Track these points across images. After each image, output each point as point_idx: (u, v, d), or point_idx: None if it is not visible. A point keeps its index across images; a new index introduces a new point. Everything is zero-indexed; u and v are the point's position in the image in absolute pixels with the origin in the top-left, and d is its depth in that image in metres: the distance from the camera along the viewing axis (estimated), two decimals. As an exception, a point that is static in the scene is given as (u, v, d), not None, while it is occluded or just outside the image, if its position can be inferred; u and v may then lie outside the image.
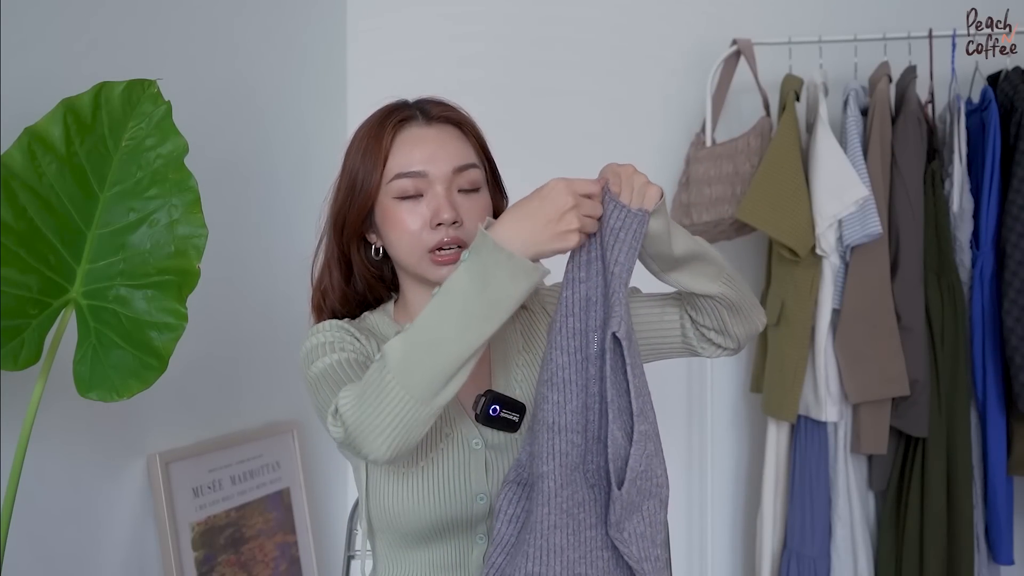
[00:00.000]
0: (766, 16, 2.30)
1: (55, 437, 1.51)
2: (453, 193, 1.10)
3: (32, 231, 1.27)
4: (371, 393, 0.92)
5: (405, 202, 1.10)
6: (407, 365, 0.91)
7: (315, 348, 1.09)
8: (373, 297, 1.21)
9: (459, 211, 1.09)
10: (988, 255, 1.97)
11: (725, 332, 1.11)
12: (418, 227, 1.09)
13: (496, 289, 0.90)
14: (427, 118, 1.13)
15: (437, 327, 0.92)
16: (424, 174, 1.09)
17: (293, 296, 2.20)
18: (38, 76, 1.46)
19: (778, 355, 2.06)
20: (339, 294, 1.18)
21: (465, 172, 1.12)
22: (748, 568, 2.36)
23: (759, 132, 2.10)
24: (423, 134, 1.12)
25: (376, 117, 1.15)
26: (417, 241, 1.09)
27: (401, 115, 1.13)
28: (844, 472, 2.05)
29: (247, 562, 1.92)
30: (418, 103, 1.16)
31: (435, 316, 0.92)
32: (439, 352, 0.91)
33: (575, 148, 2.40)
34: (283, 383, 2.14)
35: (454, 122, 1.15)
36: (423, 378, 0.91)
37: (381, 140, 1.11)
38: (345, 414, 0.94)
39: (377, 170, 1.10)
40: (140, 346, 1.31)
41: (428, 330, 0.92)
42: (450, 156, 1.11)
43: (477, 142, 1.17)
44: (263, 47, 2.12)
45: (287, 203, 2.20)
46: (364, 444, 0.93)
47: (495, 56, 2.44)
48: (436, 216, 1.08)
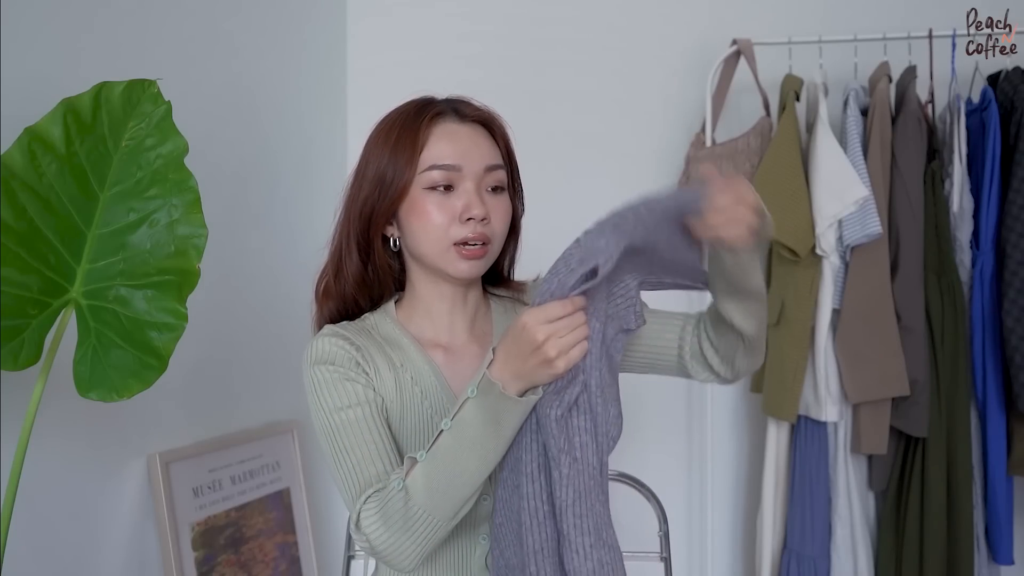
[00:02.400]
0: (766, 16, 2.30)
1: (55, 437, 1.51)
2: (483, 191, 1.11)
3: (32, 231, 1.27)
4: (398, 521, 1.00)
5: (434, 194, 1.10)
6: (432, 496, 0.99)
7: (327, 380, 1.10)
8: (379, 292, 1.20)
9: (488, 208, 1.10)
10: (988, 255, 1.97)
11: (731, 363, 1.13)
12: (446, 220, 1.09)
13: (506, 427, 0.98)
14: (460, 116, 1.14)
15: (456, 462, 0.99)
16: (458, 167, 1.10)
17: (293, 296, 2.20)
18: (38, 76, 1.46)
19: (778, 355, 2.05)
20: (356, 278, 1.17)
21: (494, 172, 1.12)
22: (748, 568, 2.36)
23: (759, 132, 2.10)
24: (457, 130, 1.12)
25: (408, 110, 1.14)
26: (444, 234, 1.09)
27: (436, 109, 1.13)
28: (844, 472, 2.05)
29: (247, 562, 1.92)
30: (449, 101, 1.16)
31: (452, 452, 0.99)
32: (461, 482, 0.99)
33: (575, 148, 2.40)
34: (283, 383, 2.14)
35: (485, 122, 1.15)
36: (449, 505, 1.00)
37: (416, 131, 1.11)
38: (373, 537, 1.02)
39: (412, 160, 1.10)
40: (140, 346, 1.31)
41: (448, 464, 0.99)
42: (483, 154, 1.12)
43: (504, 145, 1.17)
44: (263, 47, 2.12)
45: (287, 203, 2.20)
46: (395, 561, 1.03)
47: (495, 56, 2.44)
48: (467, 211, 1.09)
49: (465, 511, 1.02)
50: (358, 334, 1.14)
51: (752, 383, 2.23)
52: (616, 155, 2.41)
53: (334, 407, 1.08)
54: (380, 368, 1.11)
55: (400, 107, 1.16)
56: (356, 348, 1.11)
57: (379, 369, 1.11)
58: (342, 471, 1.06)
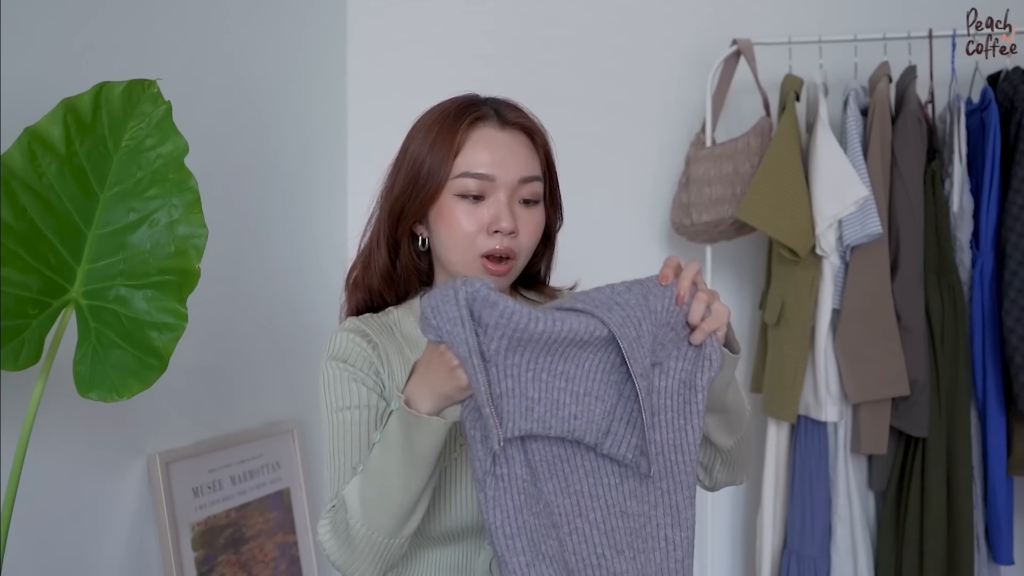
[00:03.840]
0: (766, 16, 2.30)
1: (55, 437, 1.51)
2: (515, 203, 1.08)
3: (32, 231, 1.27)
4: (342, 534, 0.99)
5: (464, 202, 1.07)
6: (366, 510, 0.97)
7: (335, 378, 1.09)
8: (404, 289, 1.19)
9: (517, 221, 1.08)
10: (988, 255, 1.97)
11: (709, 473, 1.13)
12: (474, 230, 1.07)
13: (419, 444, 0.94)
14: (502, 121, 1.11)
15: (383, 474, 0.96)
16: (491, 177, 1.07)
17: (293, 296, 2.20)
18: (38, 76, 1.46)
19: (778, 355, 2.06)
20: (383, 272, 1.16)
21: (529, 184, 1.09)
22: (748, 568, 2.36)
23: (759, 132, 2.10)
24: (496, 137, 1.09)
25: (450, 109, 1.11)
26: (471, 244, 1.07)
27: (477, 112, 1.10)
28: (844, 472, 2.05)
29: (247, 562, 1.92)
30: (492, 103, 1.13)
31: (380, 465, 0.96)
32: (390, 498, 0.96)
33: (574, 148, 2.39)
34: (283, 383, 2.14)
35: (527, 130, 1.12)
36: (384, 520, 0.97)
37: (455, 134, 1.08)
38: (327, 550, 1.01)
39: (447, 164, 1.07)
40: (140, 346, 1.31)
41: (376, 476, 0.97)
42: (519, 165, 1.09)
43: (545, 155, 1.15)
44: (263, 47, 2.12)
45: (287, 203, 2.20)
46: None
47: (495, 55, 2.44)
48: (495, 223, 1.06)
49: (409, 529, 0.98)
50: (379, 331, 1.12)
51: (752, 383, 2.23)
52: (616, 155, 2.41)
53: (337, 406, 1.07)
54: (394, 369, 1.10)
55: (445, 103, 1.13)
56: (373, 347, 1.10)
57: (393, 371, 1.10)
58: (328, 471, 1.06)
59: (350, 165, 2.49)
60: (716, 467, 1.12)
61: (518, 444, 0.93)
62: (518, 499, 0.92)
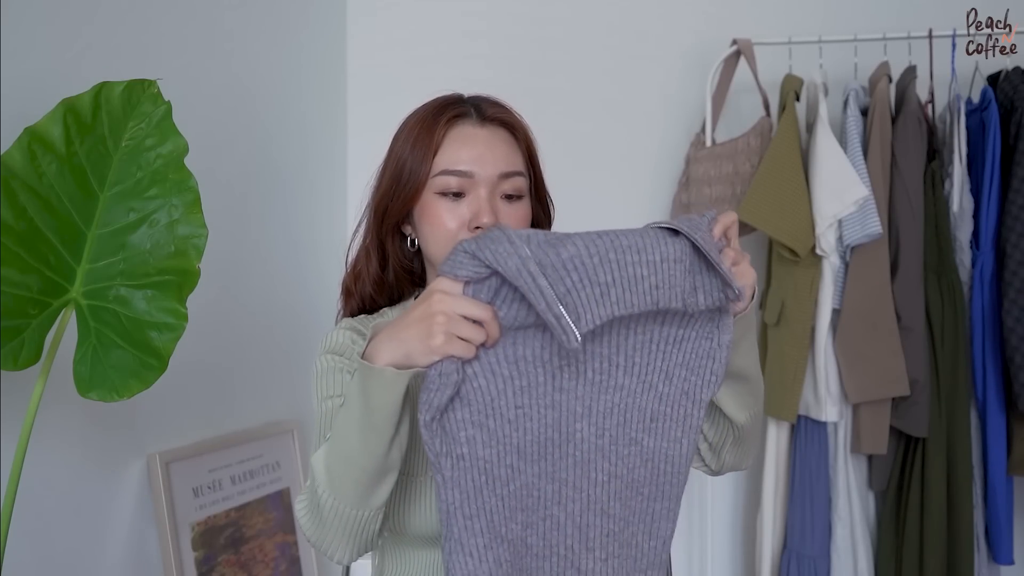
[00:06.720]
0: (766, 16, 2.30)
1: (55, 437, 1.51)
2: (496, 198, 1.08)
3: (32, 231, 1.27)
4: (313, 507, 0.97)
5: (445, 199, 1.08)
6: (331, 478, 0.94)
7: (326, 368, 1.09)
8: (399, 292, 1.20)
9: (499, 216, 1.07)
10: (988, 255, 1.97)
11: (718, 453, 1.12)
12: (455, 227, 1.07)
13: (375, 399, 0.89)
14: (481, 117, 1.11)
15: (345, 439, 0.93)
16: (470, 174, 1.07)
17: (293, 296, 2.20)
18: (38, 76, 1.46)
19: (778, 355, 2.06)
20: (374, 280, 1.17)
21: (511, 179, 1.09)
22: (748, 568, 2.36)
23: (759, 132, 2.10)
24: (475, 134, 1.09)
25: (430, 108, 1.12)
26: (452, 241, 1.07)
27: (456, 110, 1.10)
28: (844, 472, 2.05)
29: (247, 562, 1.92)
30: (473, 100, 1.14)
31: (342, 428, 0.93)
32: (354, 463, 0.93)
33: (574, 148, 2.40)
34: (283, 383, 2.14)
35: (507, 125, 1.12)
36: (348, 488, 0.94)
37: (433, 133, 1.08)
38: (303, 525, 1.00)
39: (426, 163, 1.08)
40: (140, 346, 1.31)
41: (338, 441, 0.94)
42: (498, 160, 1.08)
43: (527, 149, 1.15)
44: (263, 47, 2.12)
45: (287, 203, 2.20)
46: (327, 553, 0.99)
47: (494, 55, 2.44)
48: (476, 219, 1.06)
49: (377, 499, 0.95)
50: None
51: (752, 383, 2.23)
52: (616, 155, 2.41)
53: (325, 394, 1.07)
54: None
55: (426, 103, 1.14)
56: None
57: None
58: None
59: (350, 165, 2.50)
60: (727, 446, 1.10)
61: (480, 424, 0.91)
62: (479, 479, 0.90)
